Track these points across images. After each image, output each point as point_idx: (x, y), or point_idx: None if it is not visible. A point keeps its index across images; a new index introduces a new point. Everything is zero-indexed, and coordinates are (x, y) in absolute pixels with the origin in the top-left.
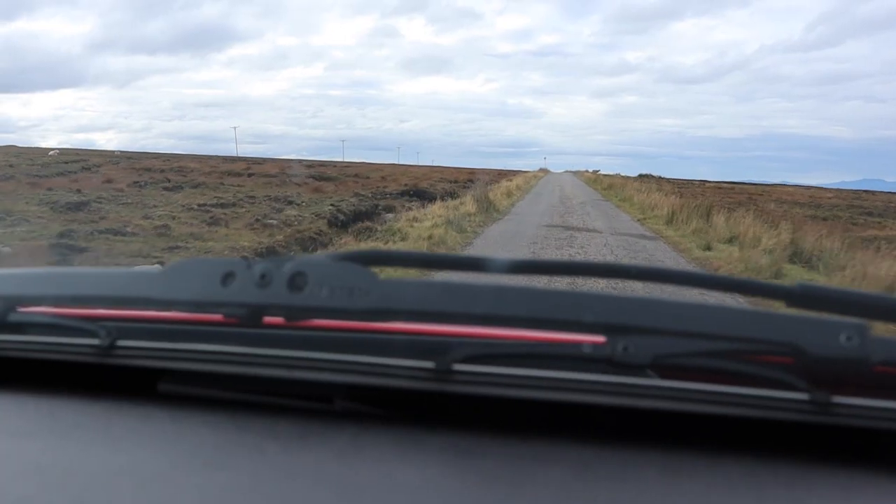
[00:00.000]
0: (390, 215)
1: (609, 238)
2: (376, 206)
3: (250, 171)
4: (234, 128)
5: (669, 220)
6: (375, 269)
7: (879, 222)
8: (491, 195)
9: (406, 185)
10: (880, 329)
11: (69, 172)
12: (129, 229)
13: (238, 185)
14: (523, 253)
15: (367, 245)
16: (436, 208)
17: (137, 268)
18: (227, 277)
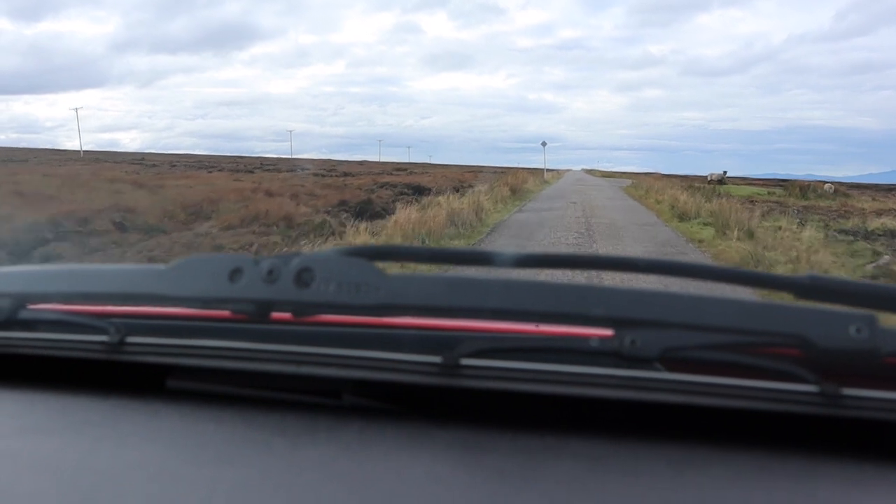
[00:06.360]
0: None
1: None
2: None
3: None
4: (76, 110)
5: None
6: (382, 265)
7: None
8: None
9: None
10: (890, 320)
11: None
12: None
13: None
14: None
15: None
16: None
17: (146, 265)
18: (235, 274)
